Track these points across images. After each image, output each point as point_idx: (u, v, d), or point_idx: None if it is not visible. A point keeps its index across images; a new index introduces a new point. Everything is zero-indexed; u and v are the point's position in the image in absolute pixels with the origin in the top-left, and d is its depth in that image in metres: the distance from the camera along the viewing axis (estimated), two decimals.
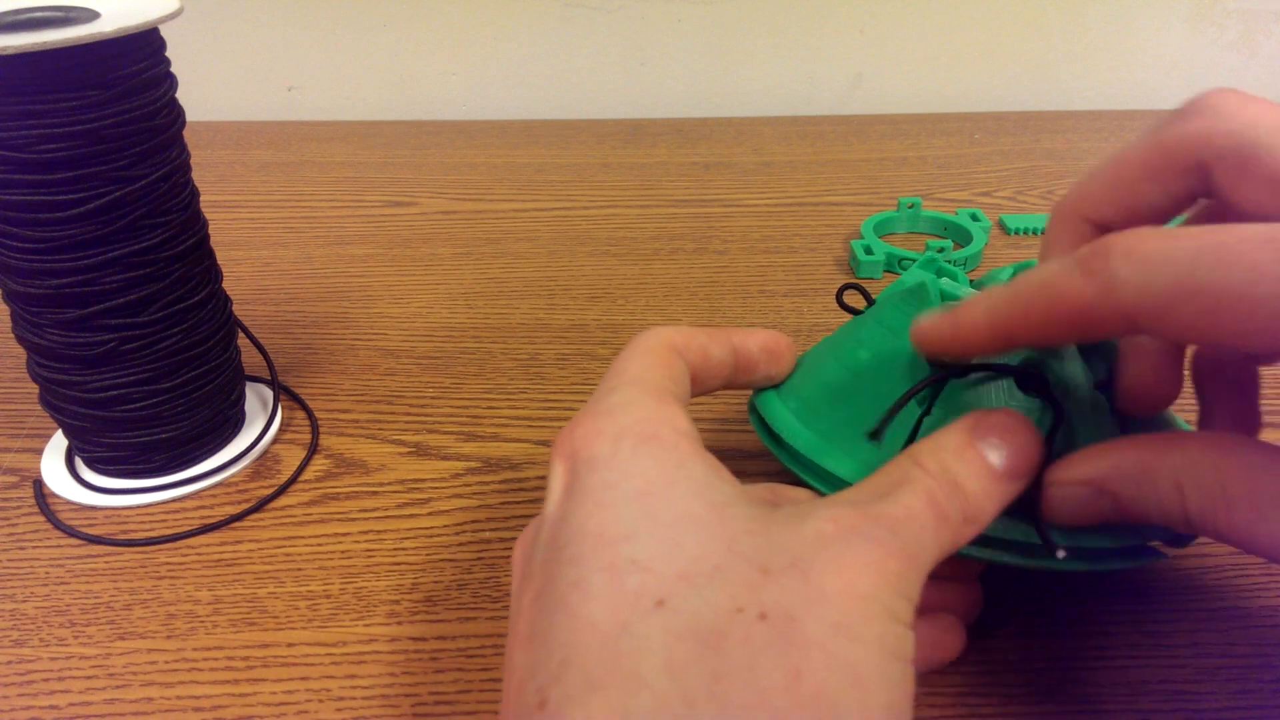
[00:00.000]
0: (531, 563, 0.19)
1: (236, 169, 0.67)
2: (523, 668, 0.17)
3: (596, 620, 0.16)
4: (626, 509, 0.18)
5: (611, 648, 0.16)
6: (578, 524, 0.18)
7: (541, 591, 0.18)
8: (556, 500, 0.19)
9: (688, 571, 0.16)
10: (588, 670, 0.15)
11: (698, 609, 0.16)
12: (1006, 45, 0.81)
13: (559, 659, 0.16)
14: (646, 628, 0.16)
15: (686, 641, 0.15)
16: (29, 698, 0.27)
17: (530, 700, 0.16)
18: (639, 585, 0.16)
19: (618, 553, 0.17)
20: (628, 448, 0.19)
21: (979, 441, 0.21)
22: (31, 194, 0.29)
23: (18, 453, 0.37)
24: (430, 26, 0.78)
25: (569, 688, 0.15)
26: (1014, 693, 0.26)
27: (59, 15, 0.29)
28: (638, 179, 0.65)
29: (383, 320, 0.47)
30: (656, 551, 0.17)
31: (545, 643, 0.17)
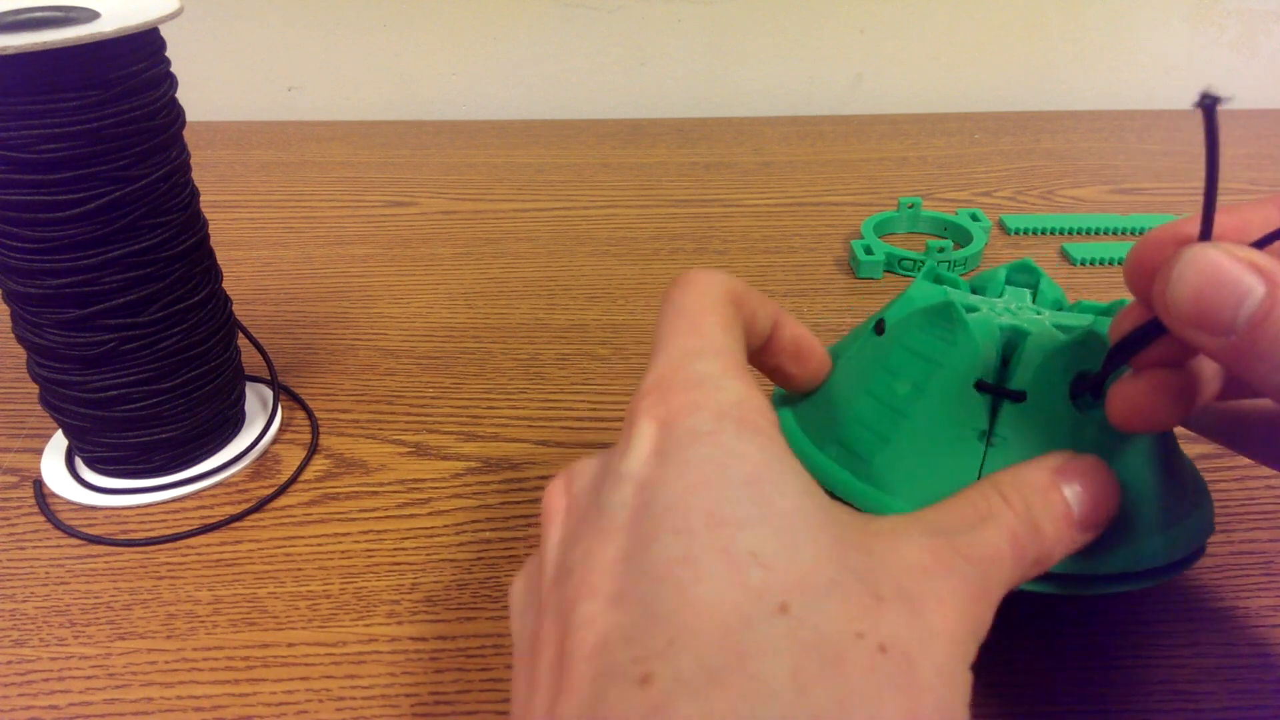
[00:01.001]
0: (606, 508, 0.18)
1: (236, 169, 0.67)
2: (614, 628, 0.16)
3: (715, 606, 0.15)
4: (738, 493, 0.16)
5: (734, 642, 0.15)
6: (679, 495, 0.17)
7: (634, 553, 0.16)
8: (644, 459, 0.18)
9: (807, 580, 0.16)
10: (705, 659, 0.15)
11: (819, 624, 0.15)
12: (1006, 45, 0.81)
13: (666, 635, 0.15)
14: (772, 631, 0.15)
15: (811, 656, 0.15)
16: (29, 698, 0.27)
17: (629, 670, 0.15)
18: (761, 583, 0.15)
19: (734, 540, 0.16)
20: (731, 429, 0.18)
21: (1064, 484, 0.21)
22: (31, 194, 0.29)
23: (18, 453, 0.37)
24: (430, 26, 0.78)
25: (682, 671, 0.14)
26: (1014, 693, 0.26)
27: (59, 15, 0.29)
28: (638, 179, 0.65)
29: (383, 320, 0.47)
30: (775, 549, 0.16)
31: (647, 611, 0.15)
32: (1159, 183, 0.64)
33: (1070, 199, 0.61)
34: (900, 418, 0.25)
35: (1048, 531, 0.20)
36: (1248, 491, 0.34)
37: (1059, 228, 0.56)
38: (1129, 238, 0.56)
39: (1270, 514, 0.33)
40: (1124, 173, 0.66)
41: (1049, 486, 0.21)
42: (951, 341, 0.25)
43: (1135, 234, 0.56)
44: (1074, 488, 0.21)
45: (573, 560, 0.18)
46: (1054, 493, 0.21)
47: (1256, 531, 0.32)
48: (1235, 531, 0.32)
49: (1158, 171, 0.66)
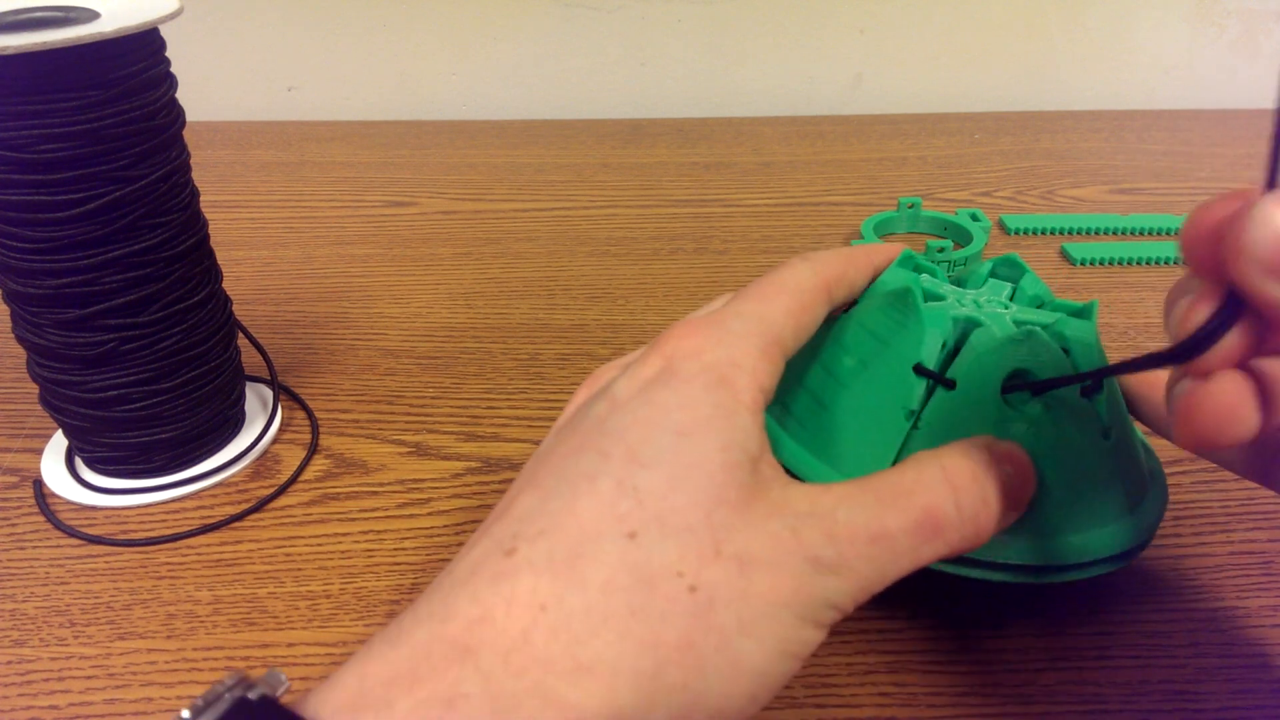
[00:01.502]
0: (587, 413, 0.21)
1: (236, 169, 0.67)
2: (521, 506, 0.20)
3: (583, 517, 0.19)
4: (663, 440, 0.20)
5: (579, 546, 0.18)
6: (626, 425, 0.20)
7: (568, 456, 0.20)
8: (637, 387, 0.21)
9: (666, 518, 0.19)
10: (553, 552, 0.18)
11: (651, 554, 0.18)
12: (1006, 45, 0.81)
13: (540, 526, 0.19)
14: (611, 546, 0.18)
15: (630, 574, 0.18)
16: (29, 698, 0.27)
17: (505, 542, 0.19)
18: (627, 511, 0.19)
19: (632, 474, 0.19)
20: (703, 381, 0.21)
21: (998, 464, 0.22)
22: (31, 194, 0.29)
23: (18, 453, 0.37)
24: (430, 26, 0.78)
25: (534, 554, 0.18)
26: (1014, 693, 0.26)
27: (59, 15, 0.29)
28: (638, 179, 0.65)
29: (383, 320, 0.47)
30: (658, 489, 0.19)
31: (542, 503, 0.19)
32: (1159, 183, 0.64)
33: (1070, 199, 0.61)
34: (840, 388, 0.27)
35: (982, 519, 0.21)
36: (1248, 491, 0.34)
37: (1059, 228, 0.56)
38: (1129, 238, 0.56)
39: (1270, 514, 0.33)
40: (1124, 173, 0.66)
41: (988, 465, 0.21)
42: (902, 324, 0.26)
43: (1135, 234, 0.56)
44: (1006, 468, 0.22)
45: (547, 444, 0.22)
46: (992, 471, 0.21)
47: (1256, 531, 0.32)
48: (1235, 531, 0.32)
49: (1158, 171, 0.66)
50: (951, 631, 0.28)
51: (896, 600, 0.29)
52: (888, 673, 0.27)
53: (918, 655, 0.28)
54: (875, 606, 0.29)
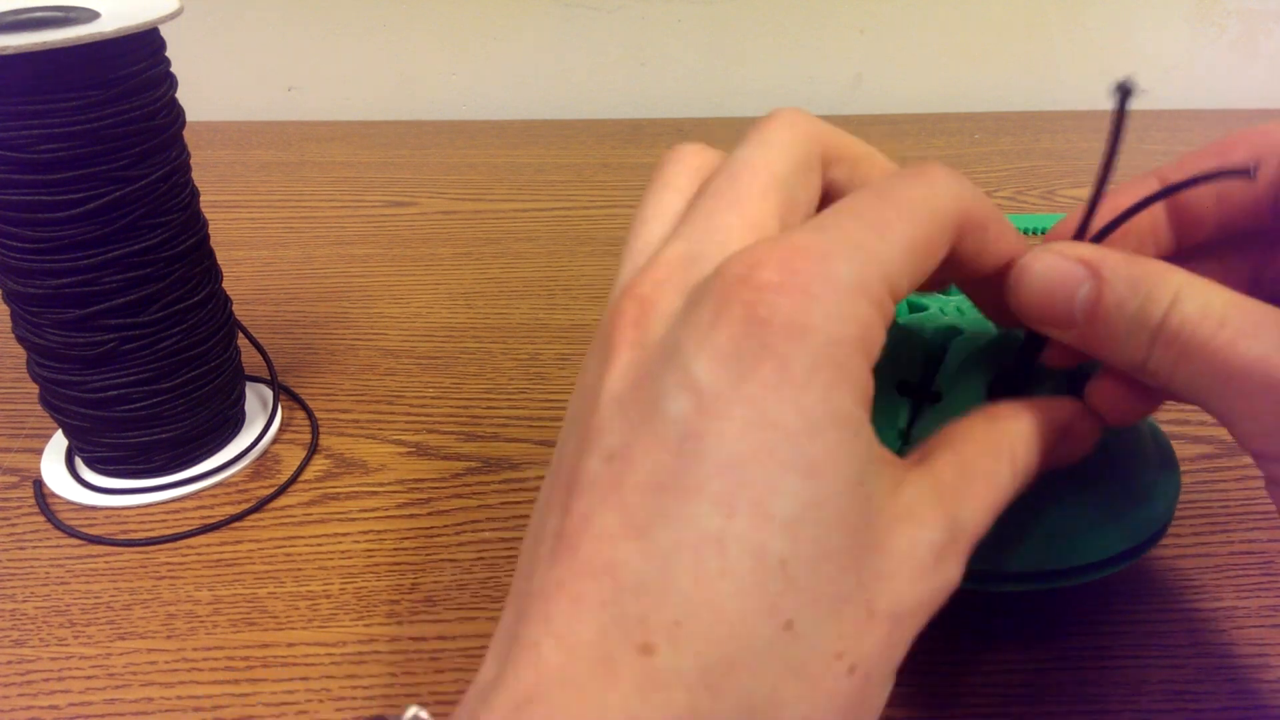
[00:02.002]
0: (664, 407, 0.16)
1: (236, 169, 0.67)
2: (628, 564, 0.16)
3: (726, 607, 0.15)
4: (793, 486, 0.16)
5: (732, 650, 0.15)
6: (737, 454, 0.16)
7: (667, 489, 0.16)
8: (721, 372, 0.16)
9: (821, 596, 0.16)
10: (703, 657, 0.15)
11: (812, 644, 0.16)
12: (1006, 45, 0.81)
13: (673, 615, 0.15)
14: (770, 650, 0.15)
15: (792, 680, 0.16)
16: (29, 698, 0.27)
17: (633, 630, 0.15)
18: (778, 596, 0.15)
19: (767, 542, 0.15)
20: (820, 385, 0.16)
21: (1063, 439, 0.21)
22: (31, 194, 0.29)
23: (18, 453, 0.37)
24: (430, 26, 0.78)
25: (681, 661, 0.15)
26: (1014, 693, 0.26)
27: (59, 15, 0.29)
28: (638, 179, 0.65)
29: (383, 320, 0.47)
30: (805, 560, 0.16)
31: (663, 573, 0.15)
32: None
33: (1070, 199, 0.61)
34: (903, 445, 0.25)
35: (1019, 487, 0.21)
36: (1247, 491, 0.34)
37: None
38: None
39: (1270, 514, 0.33)
40: (1124, 173, 0.65)
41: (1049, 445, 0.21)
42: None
43: None
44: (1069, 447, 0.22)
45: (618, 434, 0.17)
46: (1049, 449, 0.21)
47: (1256, 532, 0.32)
48: (1235, 531, 0.32)
49: None
50: (951, 632, 0.28)
51: None
52: None
53: (917, 655, 0.28)
54: None
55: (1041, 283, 0.20)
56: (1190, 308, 0.19)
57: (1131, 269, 0.20)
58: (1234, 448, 0.37)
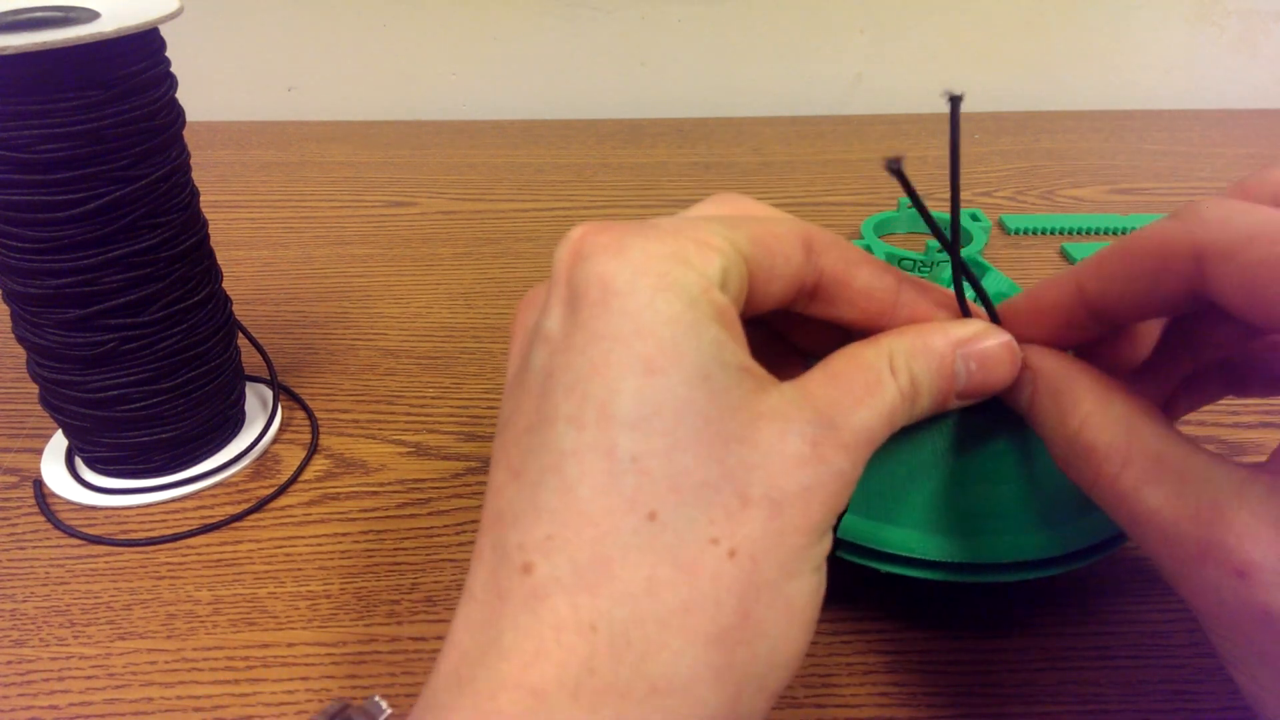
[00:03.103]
0: (530, 365, 0.19)
1: (236, 169, 0.67)
2: (508, 504, 0.18)
3: (588, 508, 0.17)
4: (632, 384, 0.17)
5: (601, 546, 0.16)
6: (581, 375, 0.17)
7: (536, 428, 0.18)
8: (558, 321, 0.18)
9: (679, 483, 0.17)
10: (577, 561, 0.16)
11: (681, 531, 0.17)
12: (1006, 45, 0.81)
13: (545, 530, 0.17)
14: (636, 540, 0.16)
15: (666, 561, 0.16)
16: (29, 698, 0.27)
17: (514, 557, 0.17)
18: (635, 490, 0.17)
19: (617, 441, 0.17)
20: (646, 288, 0.18)
21: (961, 359, 0.21)
22: (31, 194, 0.29)
23: (18, 453, 0.37)
24: (430, 26, 0.78)
25: (557, 569, 0.16)
26: (1014, 693, 0.26)
27: (59, 15, 0.29)
28: (638, 179, 0.65)
29: (383, 320, 0.47)
30: (656, 450, 0.17)
31: (533, 498, 0.17)
32: (1159, 183, 0.64)
33: (1070, 199, 0.61)
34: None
35: (923, 404, 0.21)
36: None
37: (1059, 228, 0.56)
38: None
39: None
40: (1124, 173, 0.66)
41: (944, 357, 0.21)
42: None
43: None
44: (969, 365, 0.21)
45: (505, 409, 0.19)
46: (946, 365, 0.21)
47: None
48: None
49: (1158, 171, 0.66)
50: (951, 632, 0.28)
51: (897, 600, 0.29)
52: (888, 673, 0.27)
53: (918, 655, 0.28)
54: (875, 606, 0.29)
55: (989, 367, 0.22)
56: (1096, 437, 0.20)
57: (1054, 381, 0.21)
58: (1234, 449, 0.37)
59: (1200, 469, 0.18)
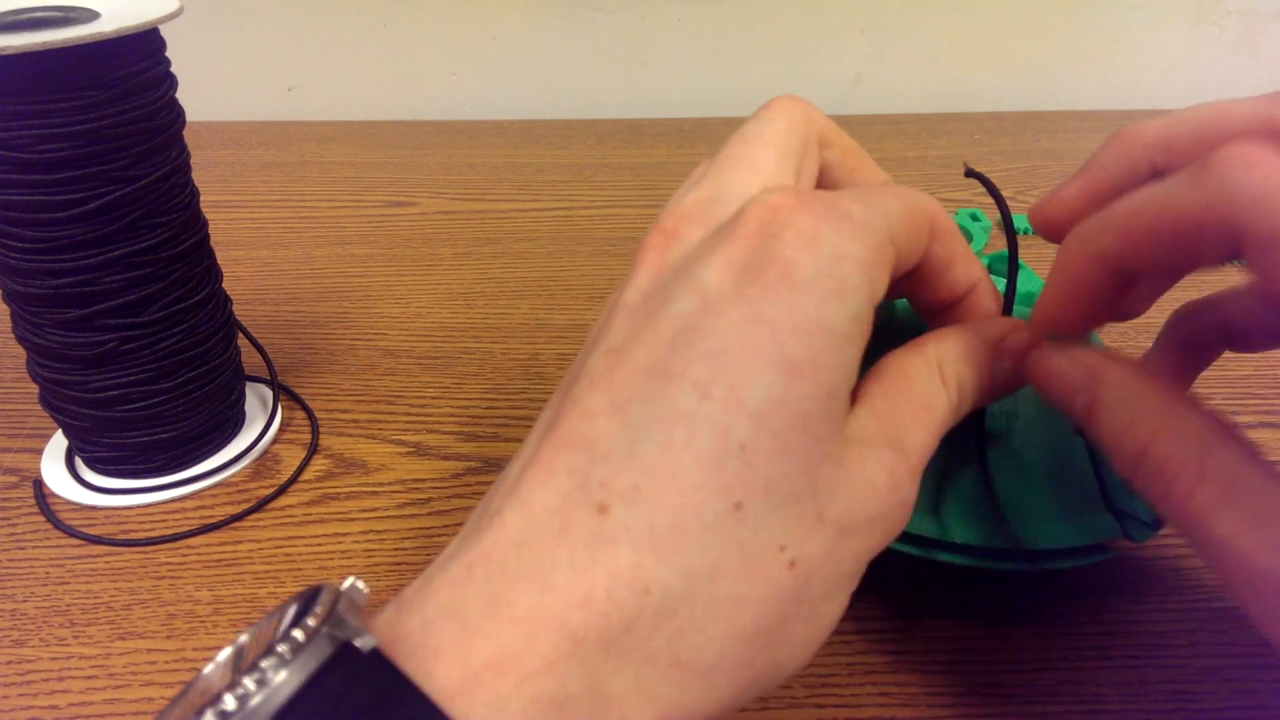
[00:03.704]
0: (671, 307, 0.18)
1: (236, 169, 0.67)
2: (602, 435, 0.17)
3: (685, 477, 0.16)
4: (770, 379, 0.17)
5: (682, 518, 0.16)
6: (723, 348, 0.17)
7: (655, 375, 0.17)
8: (721, 280, 0.18)
9: (774, 487, 0.17)
10: (655, 522, 0.16)
11: (758, 531, 0.17)
12: (1006, 45, 0.81)
13: (635, 480, 0.16)
14: (716, 524, 0.16)
15: (734, 557, 0.16)
16: (29, 698, 0.27)
17: (594, 493, 0.17)
18: (734, 477, 0.17)
19: (737, 426, 0.17)
20: (819, 293, 0.17)
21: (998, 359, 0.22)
22: (31, 194, 0.29)
23: (18, 453, 0.37)
24: (430, 26, 0.78)
25: (632, 521, 0.16)
26: (1014, 693, 0.26)
27: (59, 15, 0.29)
28: (638, 179, 0.65)
29: (383, 320, 0.47)
30: (765, 450, 0.17)
31: (631, 443, 0.17)
32: None
33: None
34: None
35: (966, 407, 0.21)
36: None
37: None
38: None
39: None
40: None
41: (985, 359, 0.21)
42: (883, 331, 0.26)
43: None
44: (1004, 363, 0.22)
45: (622, 332, 0.19)
46: (987, 367, 0.21)
47: None
48: None
49: None
50: (952, 632, 0.28)
51: (897, 600, 0.29)
52: (888, 673, 0.27)
53: (918, 655, 0.28)
54: (876, 606, 0.29)
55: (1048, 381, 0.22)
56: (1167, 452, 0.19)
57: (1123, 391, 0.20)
58: None
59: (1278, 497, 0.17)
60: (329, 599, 0.16)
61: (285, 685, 0.15)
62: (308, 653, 0.15)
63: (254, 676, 0.15)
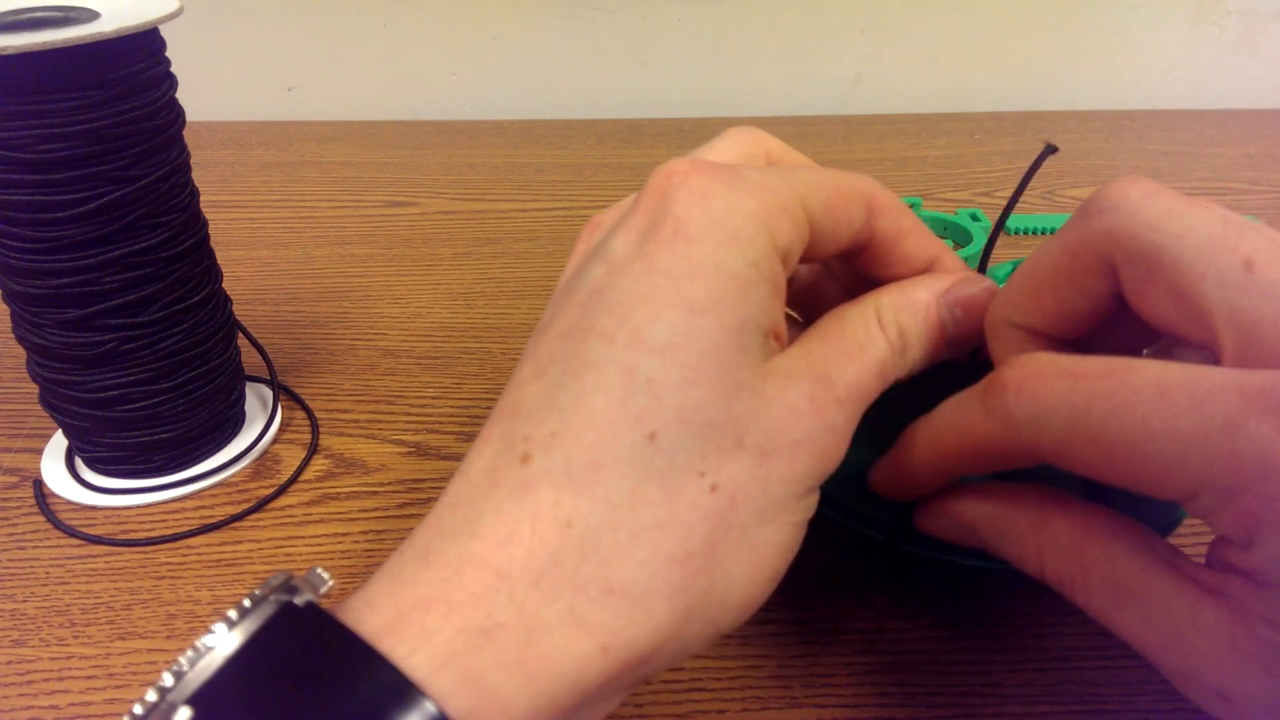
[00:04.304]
0: (583, 278, 0.19)
1: (236, 169, 0.67)
2: (526, 399, 0.18)
3: (596, 417, 0.17)
4: (672, 319, 0.18)
5: (597, 452, 0.17)
6: (626, 300, 0.18)
7: (569, 337, 0.19)
8: (635, 242, 0.19)
9: (687, 416, 0.18)
10: (571, 460, 0.17)
11: (674, 457, 0.17)
12: (1006, 45, 0.81)
13: (551, 428, 0.18)
14: (631, 454, 0.17)
15: (653, 484, 0.17)
16: (29, 698, 0.27)
17: (517, 448, 0.18)
18: (643, 409, 0.17)
19: (640, 363, 0.18)
20: (712, 242, 0.18)
21: (945, 307, 0.22)
22: (31, 194, 0.29)
23: (18, 453, 0.37)
24: (430, 26, 0.78)
25: (551, 464, 0.17)
26: (1014, 693, 0.26)
27: (59, 15, 0.29)
28: (638, 179, 0.65)
29: (383, 320, 0.47)
30: (673, 381, 0.18)
31: (550, 397, 0.18)
32: (1159, 183, 0.64)
33: (1070, 199, 0.61)
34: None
35: (914, 355, 0.21)
36: None
37: (1059, 228, 0.56)
38: None
39: None
40: (1124, 172, 0.65)
41: (928, 308, 0.22)
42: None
43: None
44: (954, 311, 0.22)
45: (548, 313, 0.20)
46: (931, 315, 0.22)
47: None
48: None
49: (1158, 171, 0.66)
50: (952, 631, 0.28)
51: (897, 600, 0.29)
52: (888, 673, 0.27)
53: (918, 655, 0.28)
54: (876, 606, 0.29)
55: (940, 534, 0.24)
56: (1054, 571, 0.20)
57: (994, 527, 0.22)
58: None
59: (1159, 597, 0.18)
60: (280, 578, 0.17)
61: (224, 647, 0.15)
62: (250, 616, 0.16)
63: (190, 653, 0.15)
